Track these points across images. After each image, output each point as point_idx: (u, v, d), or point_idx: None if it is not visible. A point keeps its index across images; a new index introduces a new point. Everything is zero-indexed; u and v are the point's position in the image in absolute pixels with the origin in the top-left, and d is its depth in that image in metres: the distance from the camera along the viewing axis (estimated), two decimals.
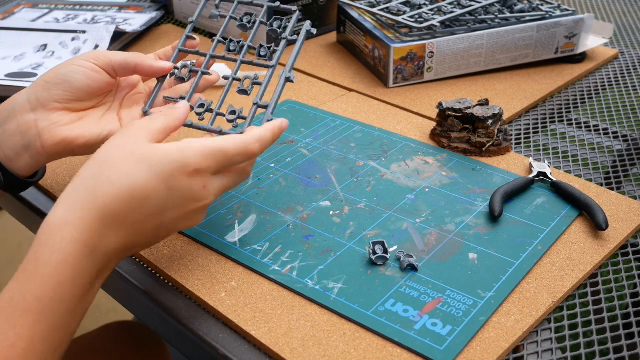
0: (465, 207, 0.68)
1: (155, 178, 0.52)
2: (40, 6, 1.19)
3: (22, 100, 0.63)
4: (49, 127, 0.62)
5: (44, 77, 0.63)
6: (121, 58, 0.64)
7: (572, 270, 0.61)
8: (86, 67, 0.63)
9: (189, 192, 0.54)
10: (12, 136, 0.62)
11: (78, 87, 0.63)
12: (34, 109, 0.62)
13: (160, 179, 0.52)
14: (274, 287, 0.59)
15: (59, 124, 0.62)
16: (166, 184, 0.53)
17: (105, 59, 0.64)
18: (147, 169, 0.52)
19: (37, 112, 0.62)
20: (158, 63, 0.66)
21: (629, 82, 0.99)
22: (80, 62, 0.63)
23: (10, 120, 0.62)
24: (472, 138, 0.77)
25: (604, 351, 0.55)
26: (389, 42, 0.90)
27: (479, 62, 0.94)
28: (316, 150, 0.78)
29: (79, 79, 0.63)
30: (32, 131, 0.62)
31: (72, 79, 0.62)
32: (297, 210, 0.68)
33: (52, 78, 0.63)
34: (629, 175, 0.78)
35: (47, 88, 0.62)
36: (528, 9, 0.98)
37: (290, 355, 0.52)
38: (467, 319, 0.55)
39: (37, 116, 0.62)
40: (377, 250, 0.61)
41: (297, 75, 0.98)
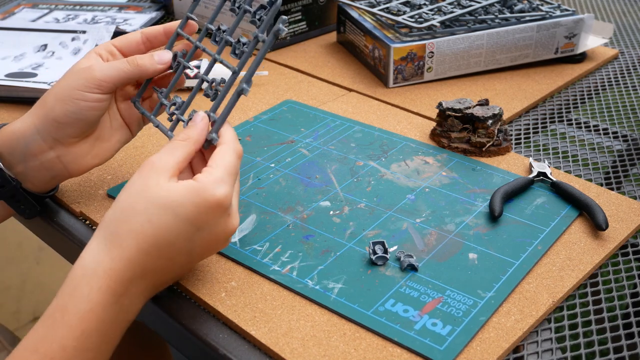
0: (465, 207, 0.68)
1: (180, 223, 0.52)
2: (40, 6, 1.19)
3: (35, 138, 0.62)
4: (74, 160, 0.64)
5: (52, 115, 0.61)
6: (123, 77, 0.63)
7: (572, 270, 0.61)
8: (93, 100, 0.61)
9: (218, 226, 0.54)
10: (38, 172, 0.64)
11: (91, 121, 0.63)
12: (53, 147, 0.63)
13: (186, 222, 0.52)
14: (274, 287, 0.59)
15: (82, 155, 0.64)
16: (193, 226, 0.52)
17: (108, 84, 0.62)
18: (171, 214, 0.52)
19: (56, 150, 0.63)
20: (158, 64, 0.64)
21: (629, 82, 0.99)
22: (86, 97, 0.61)
23: (30, 159, 0.63)
24: (472, 138, 0.77)
25: (604, 351, 0.55)
26: (389, 42, 0.90)
27: (479, 62, 0.94)
28: (316, 150, 0.78)
29: (90, 114, 0.62)
30: (58, 166, 0.64)
31: (83, 117, 0.62)
32: (297, 210, 0.68)
33: (63, 118, 0.61)
34: (629, 175, 0.78)
35: (60, 128, 0.62)
36: (528, 9, 0.98)
37: (290, 355, 0.52)
38: (467, 319, 0.55)
39: (58, 153, 0.63)
40: (377, 250, 0.61)
41: (297, 75, 0.98)
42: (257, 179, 0.73)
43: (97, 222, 0.67)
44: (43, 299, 1.79)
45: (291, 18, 1.06)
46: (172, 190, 0.52)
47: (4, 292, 1.83)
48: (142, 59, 0.63)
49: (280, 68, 1.00)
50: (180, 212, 0.52)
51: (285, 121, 0.84)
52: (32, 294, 1.82)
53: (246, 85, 0.57)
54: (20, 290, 1.83)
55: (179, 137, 0.56)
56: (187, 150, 0.55)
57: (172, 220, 0.52)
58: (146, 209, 0.51)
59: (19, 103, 0.90)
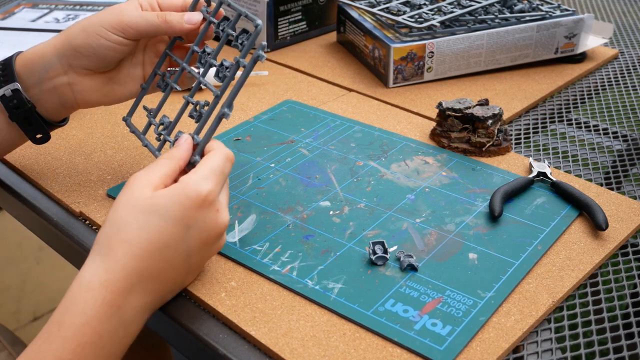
0: (465, 207, 0.68)
1: (169, 224, 0.53)
2: (40, 6, 1.19)
3: (54, 61, 0.65)
4: (82, 91, 0.66)
5: (74, 42, 0.64)
6: (149, 28, 0.64)
7: (572, 270, 0.61)
8: (115, 42, 0.63)
9: (206, 222, 0.54)
10: (50, 96, 0.66)
11: (108, 60, 0.65)
12: (67, 72, 0.65)
13: (174, 222, 0.53)
14: (274, 287, 0.59)
15: (92, 89, 0.66)
16: (182, 225, 0.53)
17: (133, 32, 0.63)
18: (158, 218, 0.52)
19: (69, 75, 0.65)
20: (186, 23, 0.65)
21: (629, 82, 0.99)
22: (110, 37, 0.63)
23: (45, 81, 0.65)
24: (472, 138, 0.77)
25: (603, 351, 0.55)
26: (389, 42, 0.90)
27: (479, 62, 0.94)
28: (316, 150, 0.78)
29: (108, 54, 0.64)
30: (68, 94, 0.66)
31: (101, 54, 0.64)
32: (297, 210, 0.68)
33: (82, 48, 0.64)
34: (628, 175, 0.78)
35: (77, 57, 0.64)
36: (528, 9, 0.98)
37: (290, 355, 0.52)
38: (467, 319, 0.55)
39: (71, 79, 0.65)
40: (377, 250, 0.61)
41: (297, 75, 0.98)
42: (257, 179, 0.73)
43: (97, 222, 0.67)
44: (43, 299, 1.80)
45: (291, 18, 1.06)
46: (157, 196, 0.53)
47: (4, 292, 1.83)
48: (172, 15, 0.65)
49: (280, 68, 1.00)
50: (167, 214, 0.52)
51: (285, 121, 0.84)
52: (32, 294, 1.82)
53: (227, 109, 0.59)
54: (20, 290, 1.83)
55: (163, 156, 0.58)
56: (171, 167, 0.57)
57: (162, 223, 0.52)
58: (136, 218, 0.52)
59: None
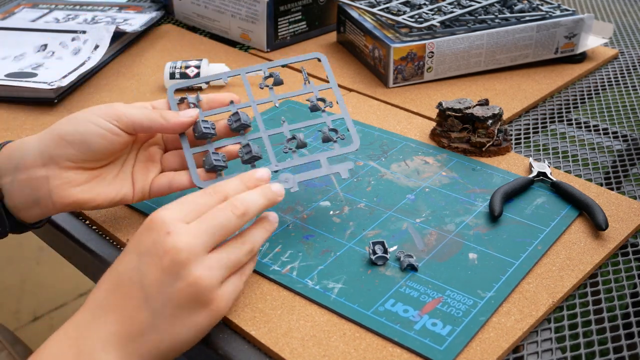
0: (465, 207, 0.68)
1: (124, 254, 0.52)
2: (40, 6, 1.19)
3: (33, 151, 0.59)
4: (61, 186, 0.59)
5: (60, 130, 0.59)
6: (144, 120, 0.61)
7: (572, 270, 0.61)
8: (106, 129, 0.59)
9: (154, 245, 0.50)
10: (23, 189, 0.59)
11: (95, 149, 0.59)
12: (46, 165, 0.59)
13: (127, 251, 0.52)
14: (274, 287, 0.59)
15: (71, 184, 0.59)
16: (135, 252, 0.51)
17: (127, 121, 0.60)
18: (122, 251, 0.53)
19: (48, 169, 0.59)
20: (182, 117, 0.63)
21: (629, 82, 0.99)
22: (101, 123, 0.59)
23: (21, 171, 0.59)
24: (472, 138, 0.77)
25: (603, 351, 0.55)
26: (389, 42, 0.91)
27: (479, 62, 0.94)
28: (316, 150, 0.78)
29: (98, 142, 0.59)
30: (44, 188, 0.59)
31: (90, 142, 0.59)
32: (297, 210, 0.68)
33: (68, 135, 0.59)
34: (628, 175, 0.78)
35: (62, 146, 0.59)
36: (528, 9, 0.98)
37: (290, 355, 0.52)
38: (467, 319, 0.55)
39: (49, 173, 0.59)
40: (377, 250, 0.61)
41: (297, 75, 0.98)
42: None
43: (97, 222, 0.68)
44: (43, 299, 1.80)
45: (291, 18, 1.06)
46: None
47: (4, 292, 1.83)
48: (167, 111, 0.63)
49: (280, 68, 1.00)
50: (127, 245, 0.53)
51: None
52: (32, 294, 1.82)
53: None
54: (20, 290, 1.83)
55: None
56: None
57: (120, 255, 0.53)
58: None
59: (19, 103, 0.90)
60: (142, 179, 0.63)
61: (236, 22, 1.07)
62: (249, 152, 0.64)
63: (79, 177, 0.60)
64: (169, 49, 1.08)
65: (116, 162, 0.63)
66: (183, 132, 0.64)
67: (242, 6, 1.04)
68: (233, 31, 1.08)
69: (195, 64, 0.92)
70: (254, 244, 0.55)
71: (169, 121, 0.62)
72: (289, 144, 0.65)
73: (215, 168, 0.63)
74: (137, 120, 0.60)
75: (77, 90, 0.94)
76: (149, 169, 0.64)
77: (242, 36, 1.07)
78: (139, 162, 0.64)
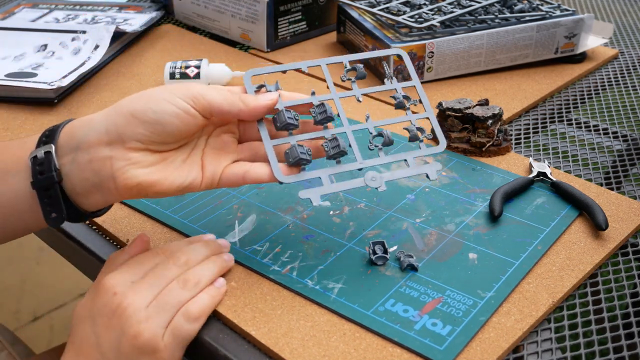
0: (465, 207, 0.68)
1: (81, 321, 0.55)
2: (40, 6, 1.19)
3: (99, 128, 0.54)
4: (125, 167, 0.53)
5: (131, 107, 0.54)
6: (223, 102, 0.56)
7: (572, 270, 0.61)
8: (183, 109, 0.54)
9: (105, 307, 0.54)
10: (83, 171, 0.54)
11: (168, 130, 0.54)
12: (111, 144, 0.53)
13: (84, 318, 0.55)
14: (274, 287, 0.59)
15: (137, 165, 0.54)
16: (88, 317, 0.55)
17: (205, 103, 0.55)
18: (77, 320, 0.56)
19: (113, 148, 0.53)
20: (261, 100, 0.58)
21: (629, 82, 0.99)
22: (177, 102, 0.54)
23: (82, 150, 0.54)
24: (472, 138, 0.77)
25: (603, 351, 0.55)
26: (389, 42, 0.90)
27: (479, 62, 0.94)
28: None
29: (173, 122, 0.54)
30: (106, 170, 0.54)
31: (165, 122, 0.54)
32: (297, 210, 0.68)
33: (141, 113, 0.53)
34: (628, 175, 0.78)
35: (133, 124, 0.53)
36: (528, 9, 0.98)
37: (290, 355, 0.52)
38: (467, 319, 0.55)
39: (113, 153, 0.53)
40: (377, 250, 0.61)
41: (297, 75, 0.98)
42: None
43: (97, 222, 0.67)
44: (43, 299, 1.80)
45: (291, 18, 1.06)
46: None
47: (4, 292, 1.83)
48: (247, 95, 0.58)
49: None
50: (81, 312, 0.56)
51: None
52: (32, 294, 1.82)
53: None
54: (20, 290, 1.83)
55: None
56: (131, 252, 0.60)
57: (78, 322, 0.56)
58: None
59: (19, 103, 0.90)
60: (213, 166, 0.58)
61: (236, 22, 1.07)
62: (336, 147, 0.58)
63: (145, 159, 0.54)
64: (169, 49, 1.08)
65: (185, 146, 0.57)
66: (261, 118, 0.58)
67: (242, 6, 1.04)
68: (233, 31, 1.08)
69: (195, 64, 0.92)
70: (200, 278, 0.57)
71: (249, 105, 0.57)
72: (374, 140, 0.60)
73: (300, 162, 0.57)
74: (216, 103, 0.55)
75: (77, 90, 0.94)
76: (222, 156, 0.59)
77: (242, 36, 1.07)
78: (210, 149, 0.59)
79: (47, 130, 0.56)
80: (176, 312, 0.54)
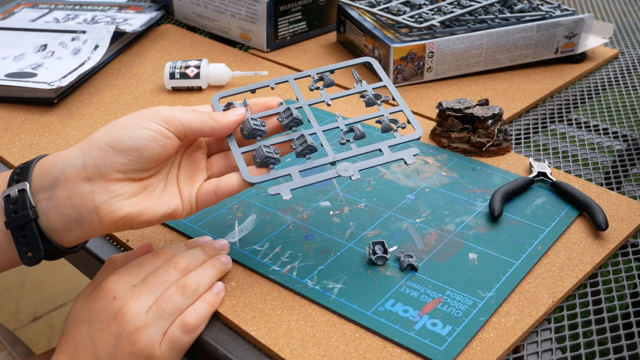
0: (465, 207, 0.68)
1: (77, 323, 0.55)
2: (40, 6, 1.19)
3: (75, 162, 0.52)
4: (109, 200, 0.52)
5: (106, 138, 0.53)
6: (194, 122, 0.56)
7: (572, 270, 0.61)
8: (158, 132, 0.53)
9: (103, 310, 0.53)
10: (62, 207, 0.52)
11: (148, 156, 0.53)
12: (91, 179, 0.52)
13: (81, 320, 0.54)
14: (274, 287, 0.59)
15: (120, 197, 0.53)
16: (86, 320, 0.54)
17: (177, 124, 0.54)
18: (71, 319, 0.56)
19: (94, 183, 0.52)
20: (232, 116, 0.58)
21: (629, 82, 0.99)
22: (152, 126, 0.53)
23: (61, 186, 0.52)
24: (472, 138, 0.77)
25: (604, 351, 0.55)
26: (389, 42, 0.90)
27: (479, 62, 0.94)
28: None
29: (152, 146, 0.53)
30: (87, 205, 0.52)
31: (143, 147, 0.53)
32: (297, 210, 0.68)
33: (118, 142, 0.52)
34: (629, 175, 0.78)
35: (110, 154, 0.52)
36: (528, 9, 0.98)
37: (290, 355, 0.52)
38: (467, 319, 0.55)
39: (94, 187, 0.52)
40: (377, 250, 0.61)
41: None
42: None
43: None
44: (43, 299, 1.80)
45: (291, 18, 1.06)
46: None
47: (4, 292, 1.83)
48: (215, 112, 0.58)
49: (280, 68, 1.00)
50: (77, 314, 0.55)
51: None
52: (32, 294, 1.82)
53: None
54: (20, 290, 1.83)
55: None
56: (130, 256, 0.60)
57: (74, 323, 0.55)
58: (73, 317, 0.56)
59: (19, 103, 0.90)
60: (189, 191, 0.57)
61: (236, 22, 1.07)
62: (303, 143, 0.59)
63: (127, 190, 0.53)
64: (169, 49, 1.08)
65: (162, 172, 0.57)
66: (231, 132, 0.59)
67: (242, 6, 1.04)
68: (233, 31, 1.08)
69: (195, 64, 0.92)
70: (199, 284, 0.56)
71: (220, 122, 0.57)
72: (346, 135, 0.61)
73: (267, 160, 0.57)
74: (188, 123, 0.55)
75: (77, 90, 0.94)
76: (194, 177, 0.58)
77: (242, 36, 1.07)
78: (184, 172, 0.58)
79: (18, 167, 0.55)
80: (174, 319, 0.54)
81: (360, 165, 0.59)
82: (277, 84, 0.65)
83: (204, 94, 0.92)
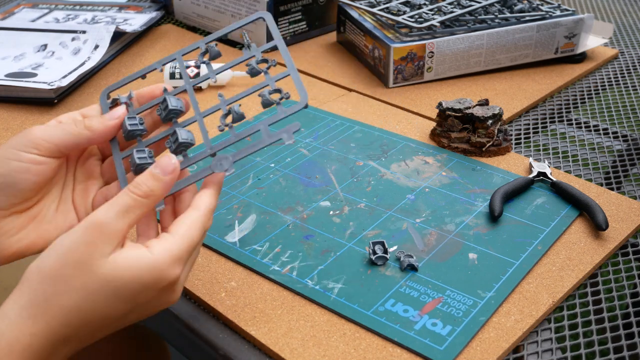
0: (465, 207, 0.68)
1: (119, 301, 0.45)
2: (40, 6, 1.19)
3: None
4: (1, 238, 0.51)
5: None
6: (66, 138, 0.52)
7: (572, 270, 0.61)
8: (30, 161, 0.50)
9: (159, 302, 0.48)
10: None
11: (25, 187, 0.51)
12: None
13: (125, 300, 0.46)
14: (274, 287, 0.59)
15: (8, 234, 0.51)
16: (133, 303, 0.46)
17: (49, 145, 0.51)
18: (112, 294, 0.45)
19: None
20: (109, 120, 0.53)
21: (629, 82, 0.99)
22: (21, 156, 0.50)
23: None
24: (472, 138, 0.77)
25: (604, 351, 0.55)
26: (389, 42, 0.90)
27: (479, 62, 0.94)
28: (316, 150, 0.78)
29: (26, 178, 0.50)
30: None
31: (16, 181, 0.50)
32: (297, 210, 0.68)
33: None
34: (628, 175, 0.78)
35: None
36: (528, 9, 0.98)
37: (290, 355, 0.52)
38: (467, 319, 0.55)
39: None
40: (377, 250, 0.61)
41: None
42: (257, 178, 0.73)
43: None
44: None
45: (291, 18, 1.06)
46: (119, 267, 0.45)
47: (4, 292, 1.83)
48: (92, 119, 0.53)
49: (280, 68, 1.00)
50: (123, 292, 0.45)
51: (285, 121, 0.84)
52: None
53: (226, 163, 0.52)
54: None
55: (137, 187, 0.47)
56: (143, 212, 0.47)
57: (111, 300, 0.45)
58: (84, 286, 0.44)
59: (19, 103, 0.90)
60: (83, 204, 0.54)
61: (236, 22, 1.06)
62: (175, 141, 0.53)
63: (14, 225, 0.51)
64: (169, 49, 1.08)
65: (53, 191, 0.54)
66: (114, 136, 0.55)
67: (242, 6, 1.04)
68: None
69: (195, 64, 0.92)
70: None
71: (96, 131, 0.53)
72: (224, 120, 0.54)
73: (141, 168, 0.52)
74: (61, 142, 0.51)
75: (77, 90, 0.94)
76: (89, 187, 0.55)
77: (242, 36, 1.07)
78: (79, 183, 0.55)
79: None
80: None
81: (237, 155, 0.52)
82: (164, 64, 0.58)
83: (204, 94, 0.92)
